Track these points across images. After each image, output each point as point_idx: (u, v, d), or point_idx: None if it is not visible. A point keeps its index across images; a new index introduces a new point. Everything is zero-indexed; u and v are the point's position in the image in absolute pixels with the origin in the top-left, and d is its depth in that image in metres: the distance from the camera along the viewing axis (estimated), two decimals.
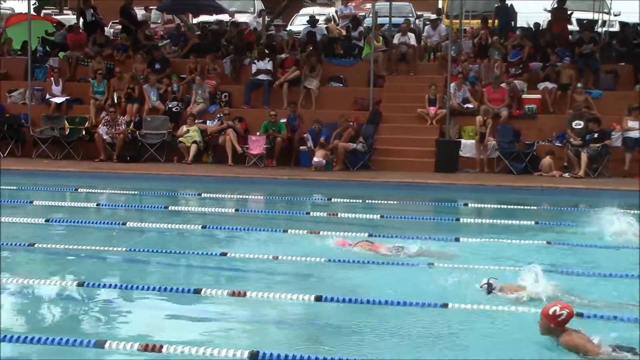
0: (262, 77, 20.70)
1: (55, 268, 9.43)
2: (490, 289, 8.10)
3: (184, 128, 19.46)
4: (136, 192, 15.92)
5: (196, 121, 19.64)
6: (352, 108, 20.06)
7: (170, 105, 20.44)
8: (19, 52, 23.71)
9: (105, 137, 19.50)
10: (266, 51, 21.71)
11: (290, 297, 8.13)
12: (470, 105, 19.47)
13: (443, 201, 15.31)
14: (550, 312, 6.54)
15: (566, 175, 17.60)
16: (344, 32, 24.48)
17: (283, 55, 21.71)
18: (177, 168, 18.63)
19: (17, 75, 22.39)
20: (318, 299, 8.07)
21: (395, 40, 21.76)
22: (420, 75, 21.12)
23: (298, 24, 28.39)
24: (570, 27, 24.41)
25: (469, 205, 14.82)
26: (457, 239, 11.20)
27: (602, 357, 6.32)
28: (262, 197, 16.00)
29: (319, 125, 18.78)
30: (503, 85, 19.68)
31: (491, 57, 20.90)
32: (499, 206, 14.48)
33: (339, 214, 13.38)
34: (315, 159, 18.16)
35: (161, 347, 6.72)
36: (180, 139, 19.35)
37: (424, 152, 18.65)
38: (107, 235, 11.58)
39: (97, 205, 14.64)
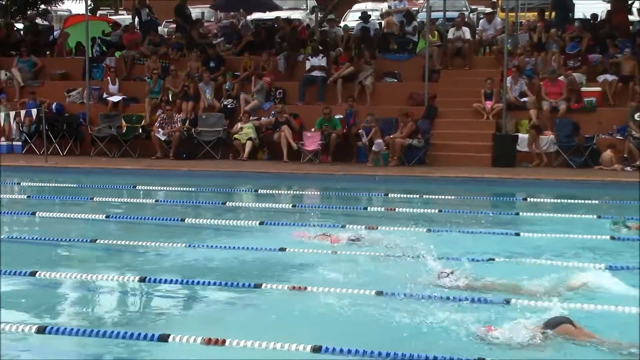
0: (316, 73, 20.68)
1: (117, 263, 9.50)
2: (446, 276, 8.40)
3: (239, 125, 19.54)
4: (193, 189, 16.02)
5: (251, 118, 19.70)
6: (407, 103, 19.92)
7: (225, 103, 20.54)
8: (76, 48, 23.99)
9: (161, 137, 19.65)
10: (320, 47, 21.67)
11: (350, 291, 8.08)
12: (527, 99, 19.21)
13: (501, 195, 15.11)
14: None
15: (628, 169, 17.26)
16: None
17: (337, 51, 21.66)
18: (233, 165, 18.71)
19: (76, 75, 22.69)
20: (379, 293, 8.02)
21: (450, 35, 21.57)
22: (475, 70, 20.91)
23: (351, 19, 28.34)
24: (631, 18, 23.94)
25: (528, 199, 14.60)
26: (517, 234, 11.08)
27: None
28: (318, 193, 15.97)
29: (372, 117, 18.70)
30: (561, 78, 19.38)
31: (548, 49, 20.60)
32: (558, 200, 14.24)
33: (397, 209, 13.28)
34: (377, 141, 18.14)
35: (224, 341, 6.73)
36: (236, 136, 19.43)
37: (480, 146, 18.46)
38: (166, 231, 11.66)
39: (155, 201, 14.76)
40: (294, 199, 15.54)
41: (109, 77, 21.66)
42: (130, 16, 27.25)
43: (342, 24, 27.21)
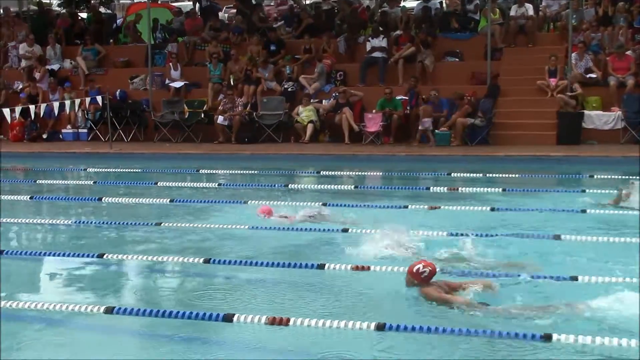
0: (376, 54, 20.57)
1: (182, 246, 9.57)
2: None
3: (300, 108, 19.55)
4: (255, 172, 16.10)
5: (312, 101, 19.70)
6: (469, 83, 19.71)
7: (285, 86, 20.56)
8: (139, 33, 24.27)
9: (223, 123, 19.77)
10: (380, 28, 21.54)
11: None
12: (593, 75, 18.81)
13: (567, 174, 14.84)
14: (414, 269, 7.23)
15: None
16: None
17: (397, 32, 21.50)
18: (294, 148, 18.75)
19: (138, 62, 22.97)
20: (443, 271, 7.94)
21: (513, 12, 21.19)
22: (539, 47, 20.52)
23: None
24: None
25: (595, 176, 14.31)
26: (583, 211, 10.89)
27: (458, 305, 6.94)
28: (380, 174, 15.90)
29: (435, 93, 18.55)
30: (629, 53, 18.92)
31: (615, 24, 20.11)
32: (627, 178, 13.91)
33: (460, 189, 13.14)
34: (423, 120, 18.03)
35: (288, 320, 6.74)
36: (297, 118, 19.45)
37: (545, 124, 18.16)
38: (229, 214, 11.73)
39: (219, 185, 14.86)
40: (356, 180, 15.50)
41: (171, 64, 21.86)
42: (191, 2, 27.42)
43: (402, 4, 26.95)
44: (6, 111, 18.30)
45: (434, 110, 18.48)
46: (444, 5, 23.93)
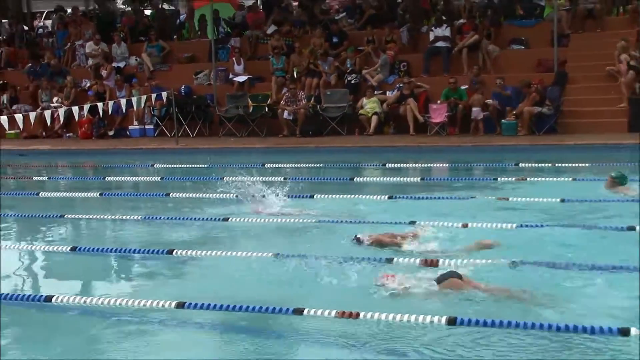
0: (440, 44, 20.37)
1: (250, 240, 9.57)
2: (359, 242, 8.93)
3: (364, 100, 19.46)
4: (320, 165, 16.07)
5: (375, 92, 19.58)
6: (535, 70, 19.37)
7: (349, 78, 20.48)
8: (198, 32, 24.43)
9: (288, 117, 19.80)
10: (443, 17, 21.31)
11: (483, 263, 7.89)
12: None
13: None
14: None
15: None
16: None
17: (461, 21, 21.24)
18: (359, 140, 18.68)
19: (202, 57, 23.14)
20: (512, 263, 7.81)
21: None
22: (608, 31, 20.05)
23: None
24: None
25: None
26: None
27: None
28: (446, 165, 15.74)
29: (501, 82, 18.28)
30: None
31: None
32: None
33: (528, 179, 12.91)
34: (474, 109, 17.78)
35: (357, 314, 6.69)
36: (361, 111, 19.37)
37: (615, 112, 17.76)
38: (296, 207, 11.71)
39: (284, 179, 14.85)
40: (422, 172, 15.37)
41: (234, 58, 21.97)
42: None
43: None
44: (75, 109, 18.63)
45: (500, 98, 18.22)
46: None
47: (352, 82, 20.38)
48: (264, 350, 6.36)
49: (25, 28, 27.60)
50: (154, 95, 20.46)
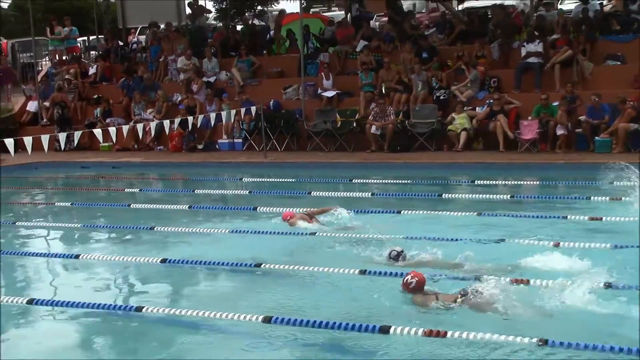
0: (532, 59, 20.00)
1: (337, 255, 9.51)
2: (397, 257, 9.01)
3: (453, 116, 19.27)
4: (408, 181, 15.95)
5: (465, 108, 19.38)
6: (632, 87, 18.81)
7: (437, 94, 20.32)
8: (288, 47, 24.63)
9: (376, 132, 19.75)
10: (535, 33, 20.95)
11: (573, 285, 7.66)
12: None
13: None
14: (404, 280, 7.71)
15: None
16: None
17: (554, 36, 20.85)
18: (448, 156, 18.50)
19: (291, 72, 23.28)
20: (607, 285, 7.58)
21: None
22: None
23: (569, 2, 27.23)
24: None
25: None
26: None
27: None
28: (537, 183, 15.38)
29: (596, 99, 17.85)
30: None
31: None
32: None
33: (623, 199, 12.53)
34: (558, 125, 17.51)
35: (445, 333, 6.60)
36: (450, 127, 19.19)
37: None
38: (382, 223, 11.65)
39: (372, 195, 14.82)
40: (512, 189, 15.09)
41: (323, 73, 22.05)
42: (342, 12, 27.65)
43: (558, 7, 26.22)
44: (166, 122, 18.97)
45: (594, 115, 17.79)
46: (604, 6, 22.99)
47: (441, 97, 20.20)
48: None
49: (120, 43, 28.30)
50: (243, 110, 20.65)
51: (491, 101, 19.14)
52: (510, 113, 18.77)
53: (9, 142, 15.52)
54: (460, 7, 28.54)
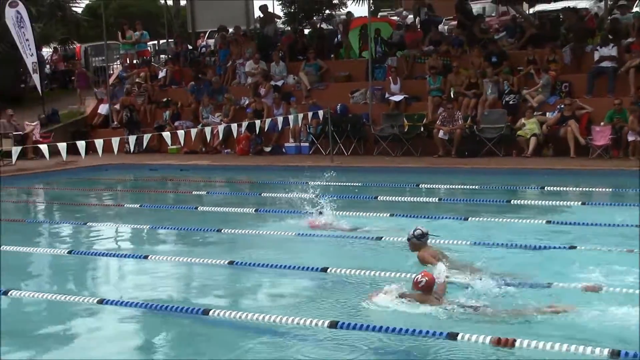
0: (605, 64, 19.58)
1: (400, 261, 9.42)
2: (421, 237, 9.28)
3: (522, 121, 18.98)
4: (476, 187, 15.75)
5: (535, 113, 19.07)
6: None
7: (507, 99, 20.04)
8: (361, 56, 24.61)
9: (443, 137, 19.58)
10: (610, 36, 20.51)
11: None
12: None
13: None
14: (414, 279, 7.82)
15: None
16: None
17: (629, 40, 20.38)
18: (517, 162, 18.22)
19: (359, 77, 23.24)
20: None
21: None
22: None
23: None
24: None
25: None
26: None
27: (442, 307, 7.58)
28: (609, 190, 15.04)
29: None
30: None
31: None
32: None
33: None
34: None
35: (514, 341, 6.46)
36: (519, 132, 18.90)
37: None
38: (449, 230, 11.52)
39: (439, 200, 14.68)
40: (583, 196, 14.79)
41: (390, 77, 21.96)
42: (411, 16, 27.50)
43: (634, 9, 25.59)
44: (234, 126, 19.09)
45: None
46: None
47: (511, 102, 19.92)
48: None
49: (190, 47, 28.64)
50: (310, 114, 20.67)
51: (562, 106, 18.81)
52: (581, 118, 18.42)
53: (81, 145, 15.84)
54: (531, 11, 28.08)
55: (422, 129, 20.39)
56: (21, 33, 24.63)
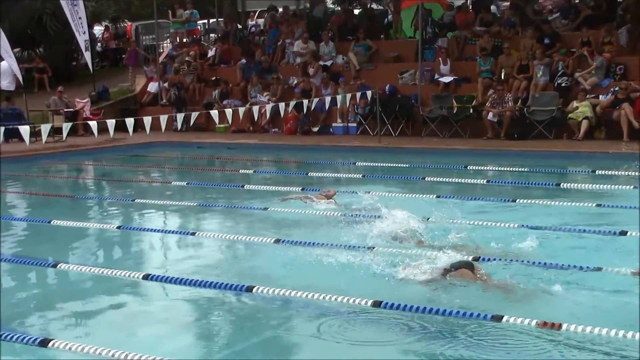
0: None
1: (447, 243, 9.32)
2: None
3: (574, 104, 18.67)
4: (525, 169, 15.55)
5: (587, 96, 18.74)
6: None
7: (559, 81, 19.72)
8: (410, 37, 24.44)
9: (493, 119, 19.36)
10: None
11: None
12: None
13: None
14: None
15: None
16: None
17: None
18: (567, 145, 17.95)
19: (409, 57, 23.07)
20: None
21: None
22: None
23: None
24: None
25: None
26: None
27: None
28: None
29: None
30: None
31: None
32: None
33: None
34: None
35: (560, 325, 6.36)
36: (570, 115, 18.60)
37: None
38: (495, 212, 11.41)
39: (486, 182, 14.52)
40: (635, 180, 14.49)
41: (440, 58, 21.75)
42: None
43: None
44: (281, 105, 19.08)
45: None
46: None
47: (563, 84, 19.59)
48: (456, 354, 6.18)
49: (239, 27, 28.68)
50: (358, 94, 20.58)
51: (616, 89, 18.45)
52: (636, 101, 18.06)
53: (129, 122, 15.96)
54: None
55: (471, 111, 20.18)
56: (74, 11, 24.87)
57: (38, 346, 6.30)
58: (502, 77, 20.48)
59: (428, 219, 10.37)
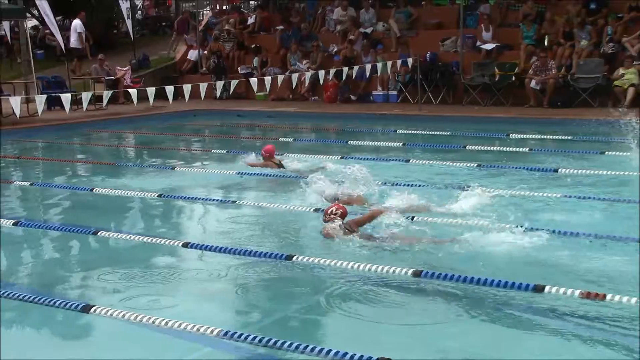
0: None
1: (491, 211, 9.21)
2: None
3: (620, 71, 18.31)
4: (568, 138, 15.32)
5: (634, 63, 18.36)
6: None
7: (605, 48, 19.35)
8: (452, 3, 24.13)
9: (535, 86, 19.08)
10: None
11: None
12: None
13: None
14: (328, 210, 8.38)
15: None
16: None
17: None
18: (613, 113, 17.60)
19: (450, 24, 22.81)
20: None
21: None
22: None
23: None
24: None
25: None
26: None
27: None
28: None
29: None
30: None
31: None
32: None
33: None
34: None
35: (604, 296, 6.25)
36: (616, 82, 18.26)
37: None
38: (538, 180, 11.25)
39: (529, 150, 14.34)
40: None
41: (482, 25, 21.46)
42: None
43: None
44: (321, 73, 18.97)
45: None
46: None
47: (609, 51, 19.21)
48: (497, 325, 6.16)
49: None
50: (399, 62, 20.41)
51: None
52: None
53: (169, 90, 15.98)
54: None
55: (513, 78, 19.93)
56: None
57: (80, 311, 6.35)
58: (546, 44, 20.14)
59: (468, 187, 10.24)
